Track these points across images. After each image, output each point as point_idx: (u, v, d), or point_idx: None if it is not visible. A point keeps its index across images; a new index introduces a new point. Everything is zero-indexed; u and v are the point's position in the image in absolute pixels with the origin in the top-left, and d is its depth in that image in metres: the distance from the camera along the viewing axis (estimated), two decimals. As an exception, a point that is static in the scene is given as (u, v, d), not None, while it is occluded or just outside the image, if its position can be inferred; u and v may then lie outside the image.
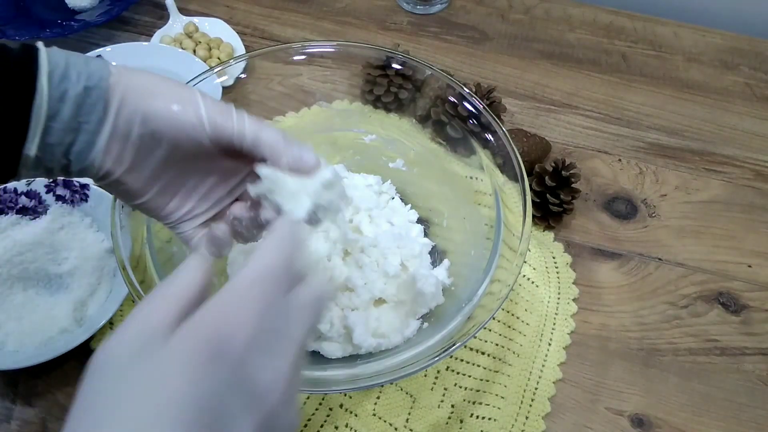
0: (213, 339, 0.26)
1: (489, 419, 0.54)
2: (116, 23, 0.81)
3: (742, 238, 0.67)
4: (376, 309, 0.54)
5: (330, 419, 0.53)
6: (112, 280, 0.58)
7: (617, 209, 0.69)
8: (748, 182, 0.71)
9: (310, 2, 0.88)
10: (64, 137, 0.34)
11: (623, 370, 0.58)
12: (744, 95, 0.79)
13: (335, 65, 0.60)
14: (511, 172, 0.52)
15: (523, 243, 0.48)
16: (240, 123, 0.36)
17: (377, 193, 0.63)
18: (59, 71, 0.33)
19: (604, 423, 0.55)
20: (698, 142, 0.75)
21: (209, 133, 0.36)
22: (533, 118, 0.76)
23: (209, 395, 0.25)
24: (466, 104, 0.56)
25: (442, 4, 0.87)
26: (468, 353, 0.57)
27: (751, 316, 0.62)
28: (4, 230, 0.60)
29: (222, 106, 0.36)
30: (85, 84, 0.33)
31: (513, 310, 0.60)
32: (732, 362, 0.59)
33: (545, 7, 0.88)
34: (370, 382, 0.44)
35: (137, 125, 0.35)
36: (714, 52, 0.83)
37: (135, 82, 0.35)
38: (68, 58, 0.34)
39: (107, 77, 0.34)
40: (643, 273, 0.64)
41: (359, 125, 0.64)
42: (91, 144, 0.35)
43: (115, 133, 0.35)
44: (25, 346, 0.54)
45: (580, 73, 0.81)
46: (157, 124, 0.35)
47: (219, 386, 0.26)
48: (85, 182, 0.61)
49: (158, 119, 0.35)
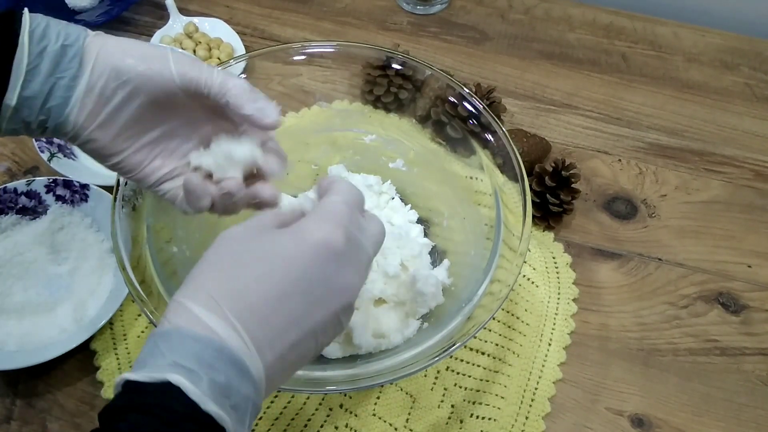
0: (318, 237, 0.34)
1: (489, 419, 0.54)
2: (116, 23, 0.81)
3: (742, 238, 0.67)
4: (376, 309, 0.54)
5: (330, 419, 0.53)
6: (112, 280, 0.58)
7: (617, 209, 0.69)
8: (748, 182, 0.71)
9: (310, 2, 0.88)
10: (42, 89, 0.36)
11: (623, 370, 0.58)
12: (744, 95, 0.79)
13: (335, 65, 0.60)
14: (511, 172, 0.52)
15: (523, 243, 0.48)
16: (208, 72, 0.39)
17: (377, 193, 0.63)
18: (40, 30, 0.36)
19: (604, 423, 0.55)
20: (698, 142, 0.75)
21: (178, 82, 0.38)
22: (533, 118, 0.76)
23: (307, 273, 0.33)
24: (466, 104, 0.56)
25: (442, 4, 0.87)
26: (468, 353, 0.57)
27: (751, 316, 0.62)
28: (4, 230, 0.60)
29: (191, 58, 0.39)
30: (63, 42, 0.36)
31: (513, 310, 0.60)
32: (732, 362, 0.59)
33: (545, 7, 0.88)
34: (370, 382, 0.44)
35: (111, 79, 0.37)
36: (714, 52, 0.83)
37: (110, 42, 0.38)
38: (49, 19, 0.37)
39: (84, 38, 0.37)
40: (643, 273, 0.64)
41: (359, 125, 0.64)
42: (66, 99, 0.37)
43: (90, 89, 0.37)
44: (25, 346, 0.54)
45: (580, 73, 0.81)
46: (129, 76, 0.37)
47: (316, 269, 0.33)
48: (85, 182, 0.61)
49: (130, 71, 0.37)
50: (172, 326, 0.31)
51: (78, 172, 0.63)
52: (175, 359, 0.29)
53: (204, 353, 0.30)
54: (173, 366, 0.29)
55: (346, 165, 0.64)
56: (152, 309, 0.43)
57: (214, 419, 0.29)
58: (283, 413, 0.53)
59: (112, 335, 0.57)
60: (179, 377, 0.29)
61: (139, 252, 0.47)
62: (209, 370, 0.29)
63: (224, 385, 0.30)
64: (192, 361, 0.29)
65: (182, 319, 0.31)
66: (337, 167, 0.64)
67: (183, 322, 0.31)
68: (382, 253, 0.56)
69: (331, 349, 0.52)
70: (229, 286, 0.32)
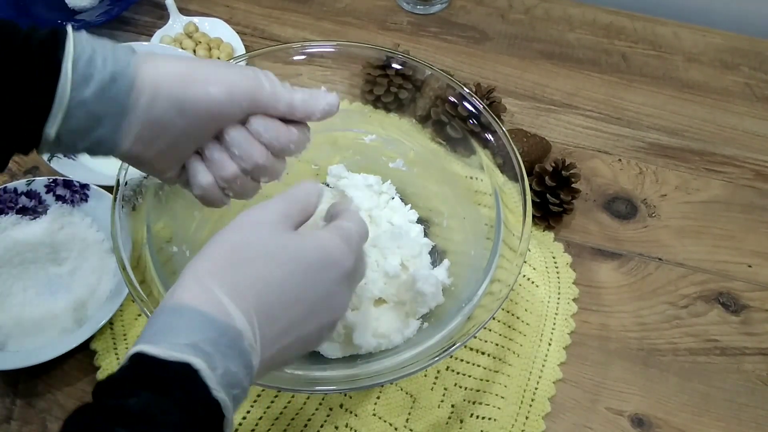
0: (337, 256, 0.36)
1: (489, 419, 0.54)
2: (116, 23, 0.81)
3: (742, 238, 0.67)
4: (376, 309, 0.54)
5: (330, 419, 0.53)
6: (112, 280, 0.58)
7: (617, 209, 0.69)
8: (748, 182, 0.71)
9: (310, 2, 0.88)
10: (88, 122, 0.34)
11: (623, 370, 0.58)
12: (744, 95, 0.79)
13: (335, 65, 0.60)
14: (511, 172, 0.52)
15: (523, 243, 0.48)
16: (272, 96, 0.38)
17: (377, 193, 0.63)
18: (85, 57, 0.33)
19: (604, 423, 0.55)
20: (698, 142, 0.75)
21: (246, 109, 0.38)
22: (533, 118, 0.76)
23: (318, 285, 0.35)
24: (466, 104, 0.56)
25: (442, 4, 0.87)
26: (468, 353, 0.57)
27: (751, 316, 0.62)
28: (4, 230, 0.60)
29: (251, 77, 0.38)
30: (111, 69, 0.34)
31: (513, 310, 0.60)
32: (732, 362, 0.59)
33: (545, 7, 0.88)
34: (370, 382, 0.44)
35: (170, 110, 0.35)
36: (714, 52, 0.83)
37: (167, 69, 0.36)
38: (95, 43, 0.34)
39: (134, 63, 0.35)
40: (643, 273, 0.64)
41: (359, 125, 0.64)
42: (115, 128, 0.35)
43: (144, 119, 0.35)
44: (25, 346, 0.54)
45: (580, 73, 0.81)
46: (195, 110, 0.36)
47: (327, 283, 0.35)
48: (85, 182, 0.61)
49: (197, 104, 0.36)
50: (189, 303, 0.30)
51: (78, 172, 0.63)
52: (194, 340, 0.29)
53: (221, 340, 0.30)
54: (193, 348, 0.29)
55: (346, 165, 0.64)
56: (152, 309, 0.43)
57: (220, 407, 0.29)
58: (283, 413, 0.53)
59: (112, 335, 0.57)
60: (200, 361, 0.28)
61: (139, 252, 0.47)
62: (224, 358, 0.29)
63: (234, 375, 0.30)
64: (210, 346, 0.29)
65: (201, 299, 0.31)
66: (337, 167, 0.64)
67: (202, 302, 0.31)
68: (382, 253, 0.56)
69: (331, 349, 0.52)
70: (253, 279, 0.33)
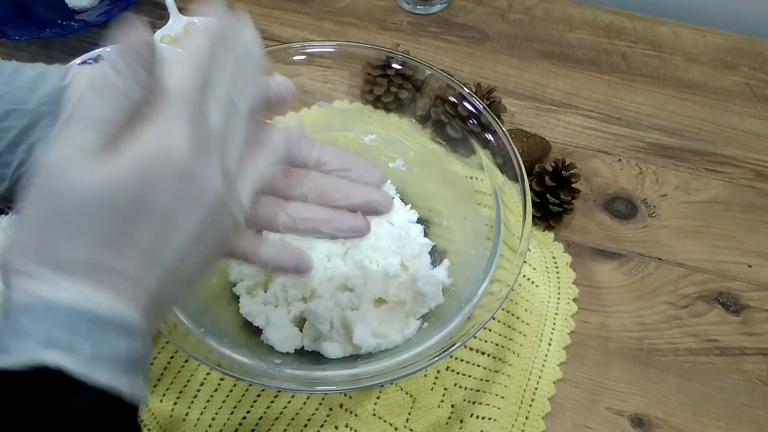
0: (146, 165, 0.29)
1: (489, 419, 0.54)
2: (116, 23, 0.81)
3: (742, 238, 0.67)
4: (376, 309, 0.54)
5: (330, 419, 0.53)
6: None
7: (617, 209, 0.69)
8: (748, 182, 0.71)
9: (310, 2, 0.88)
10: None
11: (623, 370, 0.58)
12: (744, 95, 0.79)
13: (335, 65, 0.60)
14: (511, 172, 0.52)
15: (523, 243, 0.48)
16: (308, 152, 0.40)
17: (377, 193, 0.63)
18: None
19: (604, 423, 0.55)
20: (698, 142, 0.75)
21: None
22: (533, 118, 0.76)
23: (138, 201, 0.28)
24: (466, 104, 0.56)
25: (442, 4, 0.87)
26: (468, 353, 0.57)
27: (751, 316, 0.62)
28: (4, 230, 0.60)
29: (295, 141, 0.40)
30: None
31: (513, 310, 0.60)
32: (732, 362, 0.59)
33: (545, 7, 0.88)
34: (370, 382, 0.44)
35: None
36: (714, 52, 0.83)
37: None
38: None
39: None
40: (643, 273, 0.64)
41: (359, 125, 0.64)
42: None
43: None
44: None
45: (580, 73, 0.81)
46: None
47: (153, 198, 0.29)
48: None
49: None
50: (30, 296, 0.27)
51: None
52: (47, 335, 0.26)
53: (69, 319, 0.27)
54: (47, 344, 0.26)
55: (346, 165, 0.64)
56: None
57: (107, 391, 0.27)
58: (283, 413, 0.53)
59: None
60: (56, 356, 0.25)
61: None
62: (86, 340, 0.26)
63: (106, 343, 0.27)
64: (66, 334, 0.26)
65: (37, 287, 0.27)
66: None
67: (40, 289, 0.27)
68: (382, 253, 0.56)
69: (331, 349, 0.52)
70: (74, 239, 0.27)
